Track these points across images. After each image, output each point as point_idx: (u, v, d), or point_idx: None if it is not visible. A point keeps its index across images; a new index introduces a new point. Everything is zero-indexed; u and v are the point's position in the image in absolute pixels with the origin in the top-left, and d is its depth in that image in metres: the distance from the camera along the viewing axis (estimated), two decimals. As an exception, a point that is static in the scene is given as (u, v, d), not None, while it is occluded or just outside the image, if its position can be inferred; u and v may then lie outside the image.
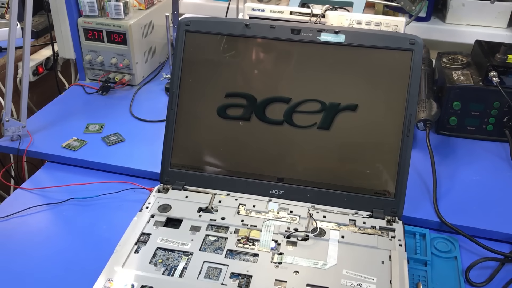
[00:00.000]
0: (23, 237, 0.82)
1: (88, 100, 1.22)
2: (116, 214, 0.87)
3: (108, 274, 0.69)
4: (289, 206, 0.82)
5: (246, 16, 1.07)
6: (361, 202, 0.81)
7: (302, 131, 0.83)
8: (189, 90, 0.86)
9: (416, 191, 0.91)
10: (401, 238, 0.76)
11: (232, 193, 0.84)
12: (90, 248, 0.80)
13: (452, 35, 1.36)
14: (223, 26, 0.85)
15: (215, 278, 0.69)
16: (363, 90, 0.81)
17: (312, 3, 1.14)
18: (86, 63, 1.26)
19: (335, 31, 0.81)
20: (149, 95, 1.24)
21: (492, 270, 0.77)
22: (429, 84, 1.06)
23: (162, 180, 0.87)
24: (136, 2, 1.27)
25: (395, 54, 0.80)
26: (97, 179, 0.95)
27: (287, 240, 0.76)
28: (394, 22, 1.00)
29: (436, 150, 1.02)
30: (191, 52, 0.86)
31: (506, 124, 1.05)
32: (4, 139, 1.03)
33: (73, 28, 1.22)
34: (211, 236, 0.76)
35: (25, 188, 0.93)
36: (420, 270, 0.77)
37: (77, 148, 1.01)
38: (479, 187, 0.93)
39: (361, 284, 0.68)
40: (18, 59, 1.15)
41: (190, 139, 0.87)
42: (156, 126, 1.11)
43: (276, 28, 0.83)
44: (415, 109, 0.79)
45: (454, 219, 0.84)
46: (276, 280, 0.69)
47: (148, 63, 1.32)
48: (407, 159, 0.79)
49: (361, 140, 0.82)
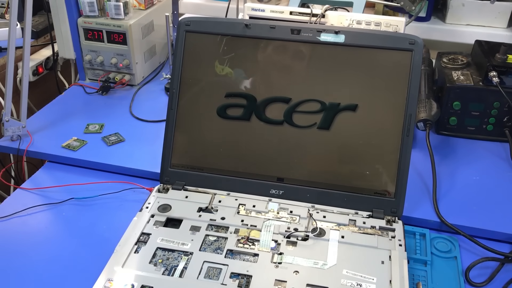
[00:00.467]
0: (23, 237, 0.82)
1: (88, 100, 1.22)
2: (116, 214, 0.87)
3: (108, 274, 0.69)
4: (289, 206, 0.82)
5: (246, 16, 1.07)
6: (361, 202, 0.81)
7: (302, 131, 0.83)
8: (189, 90, 0.86)
9: (416, 191, 0.91)
10: (401, 238, 0.76)
11: (232, 193, 0.84)
12: (90, 248, 0.80)
13: (452, 35, 1.36)
14: (223, 26, 0.85)
15: (215, 278, 0.69)
16: (363, 90, 0.81)
17: (312, 3, 1.14)
18: (86, 63, 1.26)
19: (335, 31, 0.81)
20: (149, 95, 1.24)
21: (492, 270, 0.77)
22: (429, 84, 1.06)
23: (162, 180, 0.87)
24: (136, 2, 1.27)
25: (395, 54, 0.80)
26: (97, 179, 0.95)
27: (287, 240, 0.76)
28: (394, 22, 1.00)
29: (436, 150, 1.02)
30: (191, 52, 0.86)
31: (506, 124, 1.05)
32: (4, 139, 1.03)
33: (73, 28, 1.22)
34: (211, 236, 0.76)
35: (25, 188, 0.93)
36: (420, 270, 0.76)
37: (77, 148, 1.01)
38: (479, 187, 0.93)
39: (361, 284, 0.68)
40: (18, 59, 1.15)
41: (190, 139, 0.87)
42: (156, 126, 1.11)
43: (276, 28, 0.83)
44: (415, 109, 0.79)
45: (454, 219, 0.83)
46: (276, 280, 0.69)
47: (148, 63, 1.32)
48: (407, 159, 0.79)
49: (361, 140, 0.82)
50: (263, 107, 0.84)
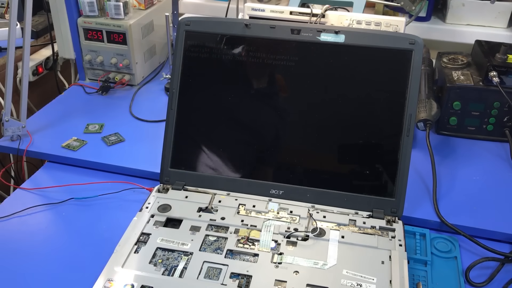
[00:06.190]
0: (23, 237, 0.82)
1: (88, 100, 1.22)
2: (116, 214, 0.87)
3: (108, 274, 0.69)
4: (289, 206, 0.82)
5: (246, 16, 1.07)
6: (361, 202, 0.81)
7: (302, 131, 0.83)
8: (189, 90, 0.86)
9: (416, 191, 0.91)
10: (401, 238, 0.76)
11: (232, 193, 0.84)
12: (90, 248, 0.80)
13: (452, 35, 1.36)
14: (223, 26, 0.85)
15: (215, 278, 0.69)
16: (363, 90, 0.81)
17: (312, 3, 1.14)
18: (86, 63, 1.26)
19: (335, 31, 0.81)
20: (149, 95, 1.24)
21: (492, 270, 0.77)
22: (429, 84, 1.06)
23: (162, 180, 0.87)
24: (136, 2, 1.27)
25: (395, 54, 0.80)
26: (97, 179, 0.95)
27: (287, 240, 0.76)
28: (394, 22, 1.00)
29: (436, 150, 1.02)
30: (191, 52, 0.86)
31: (506, 124, 1.05)
32: (4, 139, 1.03)
33: (73, 28, 1.22)
34: (211, 236, 0.76)
35: (25, 188, 0.93)
36: (420, 270, 0.76)
37: (77, 148, 1.01)
38: (479, 187, 0.93)
39: (361, 284, 0.68)
40: (18, 59, 1.15)
41: (190, 139, 0.87)
42: (156, 126, 1.11)
43: (276, 28, 0.83)
44: (415, 109, 0.79)
45: (454, 219, 0.83)
46: (276, 280, 0.69)
47: (148, 63, 1.32)
48: (407, 159, 0.79)
49: (361, 140, 0.82)
50: (263, 107, 0.84)
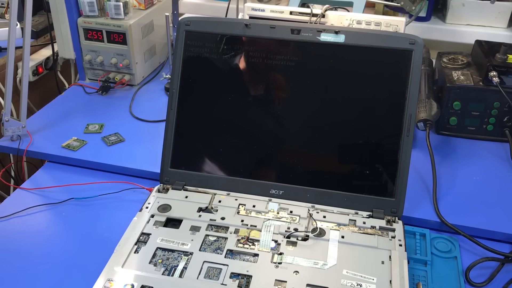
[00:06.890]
0: (23, 237, 0.82)
1: (88, 100, 1.22)
2: (116, 214, 0.87)
3: (108, 274, 0.69)
4: (289, 206, 0.82)
5: (246, 16, 1.07)
6: (361, 202, 0.81)
7: (302, 131, 0.83)
8: (189, 90, 0.86)
9: (416, 191, 0.91)
10: (401, 238, 0.76)
11: (232, 193, 0.84)
12: (90, 248, 0.80)
13: (452, 35, 1.36)
14: (223, 26, 0.85)
15: (215, 278, 0.69)
16: (363, 90, 0.81)
17: (312, 3, 1.14)
18: (86, 63, 1.26)
19: (335, 31, 0.81)
20: (149, 95, 1.24)
21: (492, 270, 0.77)
22: (429, 84, 1.06)
23: (162, 180, 0.87)
24: (136, 2, 1.27)
25: (395, 54, 0.80)
26: (97, 179, 0.95)
27: (287, 240, 0.76)
28: (394, 22, 1.00)
29: (436, 150, 1.02)
30: (191, 52, 0.86)
31: (506, 124, 1.05)
32: (4, 139, 1.03)
33: (73, 28, 1.22)
34: (211, 236, 0.76)
35: (25, 188, 0.93)
36: (420, 270, 0.76)
37: (77, 148, 1.01)
38: (479, 187, 0.93)
39: (361, 284, 0.68)
40: (18, 59, 1.15)
41: (190, 139, 0.87)
42: (156, 126, 1.11)
43: (276, 28, 0.83)
44: (415, 109, 0.79)
45: (454, 219, 0.83)
46: (276, 280, 0.69)
47: (148, 63, 1.32)
48: (407, 159, 0.79)
49: (361, 140, 0.82)
50: (263, 106, 0.84)
